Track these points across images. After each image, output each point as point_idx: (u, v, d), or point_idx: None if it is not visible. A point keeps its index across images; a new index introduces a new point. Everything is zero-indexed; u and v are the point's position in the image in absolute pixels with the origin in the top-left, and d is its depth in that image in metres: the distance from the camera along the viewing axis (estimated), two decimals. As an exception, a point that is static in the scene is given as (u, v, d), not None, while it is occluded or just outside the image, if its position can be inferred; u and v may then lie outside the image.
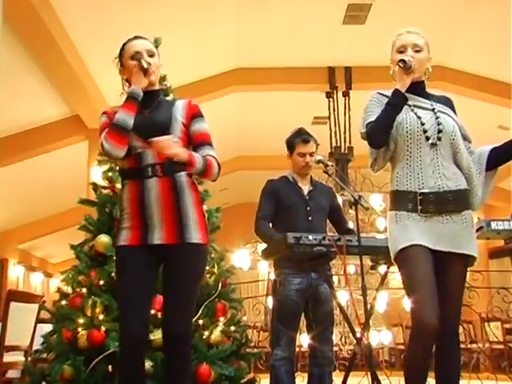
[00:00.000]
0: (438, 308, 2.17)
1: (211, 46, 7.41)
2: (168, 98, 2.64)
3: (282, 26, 7.24)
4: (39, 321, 4.15)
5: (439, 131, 2.34)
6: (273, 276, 3.35)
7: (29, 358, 3.86)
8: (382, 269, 3.54)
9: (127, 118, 2.28)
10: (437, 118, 2.37)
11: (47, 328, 3.60)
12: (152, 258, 2.31)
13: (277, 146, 3.48)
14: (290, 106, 8.70)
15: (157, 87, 2.49)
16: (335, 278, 3.59)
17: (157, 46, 3.48)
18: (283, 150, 3.46)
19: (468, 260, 2.35)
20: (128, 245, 2.29)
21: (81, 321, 3.31)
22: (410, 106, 2.38)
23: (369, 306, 3.16)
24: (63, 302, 3.52)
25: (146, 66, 2.32)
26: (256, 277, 9.79)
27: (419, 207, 2.29)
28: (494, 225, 3.59)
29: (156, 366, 3.11)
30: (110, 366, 3.23)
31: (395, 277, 7.02)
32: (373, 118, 2.37)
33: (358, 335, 3.12)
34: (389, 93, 2.42)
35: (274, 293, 3.30)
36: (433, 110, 2.40)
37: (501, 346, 7.59)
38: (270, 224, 3.35)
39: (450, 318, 2.30)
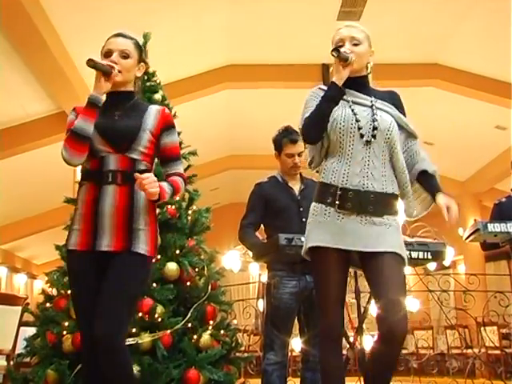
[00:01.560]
0: (339, 314, 2.25)
1: (202, 42, 7.34)
2: (142, 102, 2.56)
3: (274, 22, 7.18)
4: (22, 324, 4.11)
5: (374, 128, 2.28)
6: (264, 278, 3.30)
7: (11, 362, 3.85)
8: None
9: (86, 126, 2.24)
10: (373, 114, 2.31)
11: (31, 331, 3.55)
12: (98, 264, 2.27)
13: (269, 144, 3.41)
14: (282, 103, 8.63)
15: (130, 88, 2.42)
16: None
17: (146, 42, 3.42)
18: (274, 149, 3.40)
19: (399, 257, 2.21)
20: (77, 249, 2.28)
21: (66, 324, 3.25)
22: (348, 101, 2.33)
23: (362, 310, 3.14)
24: (47, 305, 3.47)
25: (105, 69, 2.25)
26: (247, 279, 9.77)
27: (337, 202, 2.24)
28: (490, 227, 3.56)
29: (143, 371, 3.07)
30: (95, 371, 3.17)
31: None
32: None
33: (351, 339, 3.07)
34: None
35: (267, 296, 3.27)
36: (371, 106, 2.34)
37: (497, 352, 7.56)
38: (262, 227, 3.28)
39: (384, 317, 2.13)
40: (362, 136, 2.27)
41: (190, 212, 3.60)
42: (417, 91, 7.90)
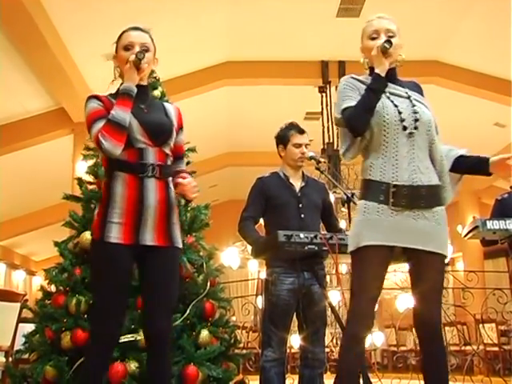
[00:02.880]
0: (372, 317, 2.22)
1: (202, 39, 7.33)
2: (155, 96, 2.60)
3: (274, 19, 7.17)
4: (21, 320, 4.08)
5: (416, 120, 2.27)
6: (263, 275, 3.29)
7: (10, 359, 3.82)
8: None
9: (125, 116, 2.24)
10: (413, 106, 2.31)
11: (29, 327, 3.52)
12: (136, 258, 2.30)
13: (268, 141, 3.41)
14: (281, 100, 8.63)
15: (145, 82, 2.45)
16: (327, 278, 3.52)
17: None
18: (274, 147, 3.39)
19: (444, 257, 2.28)
20: (119, 243, 2.24)
21: (64, 320, 3.23)
22: (385, 93, 2.31)
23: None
24: (46, 301, 3.45)
25: (141, 62, 2.29)
26: (245, 276, 9.77)
27: (391, 200, 2.21)
28: (489, 224, 3.56)
29: (142, 367, 3.05)
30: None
31: (388, 277, 7.01)
32: (350, 104, 2.29)
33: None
34: (363, 78, 2.37)
35: (265, 292, 3.26)
36: (408, 97, 2.34)
37: (495, 349, 7.56)
38: (262, 222, 3.27)
39: (428, 318, 2.25)
40: (405, 128, 2.25)
41: (188, 209, 3.60)
42: (416, 88, 7.88)
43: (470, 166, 2.40)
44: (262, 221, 3.41)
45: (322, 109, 8.31)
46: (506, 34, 6.42)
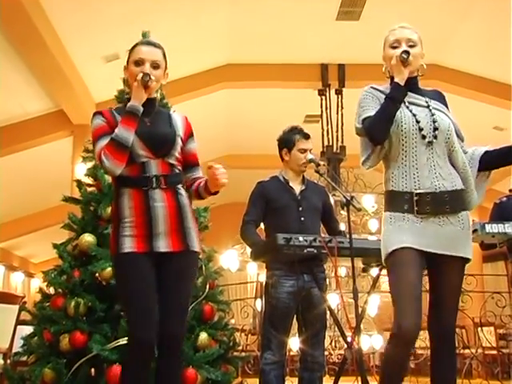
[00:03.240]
0: (419, 317, 2.15)
1: (202, 41, 7.33)
2: (162, 108, 2.61)
3: (274, 22, 7.17)
4: (19, 322, 4.07)
5: (435, 129, 2.30)
6: (262, 278, 3.29)
7: (8, 361, 3.80)
8: (374, 271, 3.49)
9: (128, 135, 2.27)
10: (432, 115, 2.33)
11: (28, 330, 3.52)
12: (154, 265, 2.32)
13: (267, 144, 3.41)
14: (281, 103, 8.63)
15: (154, 95, 2.47)
16: (326, 281, 3.52)
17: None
18: (274, 149, 3.38)
19: (465, 262, 2.33)
20: (134, 252, 2.27)
21: (63, 322, 3.23)
22: (404, 102, 2.33)
23: (360, 310, 3.11)
24: (45, 303, 3.45)
25: (148, 83, 2.31)
26: (244, 279, 9.75)
27: (415, 208, 2.24)
28: (488, 228, 3.56)
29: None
30: (92, 370, 3.19)
31: (387, 280, 6.98)
32: (370, 113, 2.31)
33: (349, 339, 3.08)
34: (383, 88, 2.38)
35: (265, 295, 3.26)
36: (428, 107, 2.36)
37: (494, 352, 7.54)
38: (262, 227, 3.28)
39: (445, 322, 2.28)
40: (423, 137, 2.28)
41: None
42: (415, 92, 7.89)
43: (497, 158, 2.43)
44: (262, 225, 3.41)
45: (322, 112, 8.31)
46: (505, 37, 6.42)
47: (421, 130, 2.28)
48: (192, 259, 2.38)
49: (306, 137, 3.33)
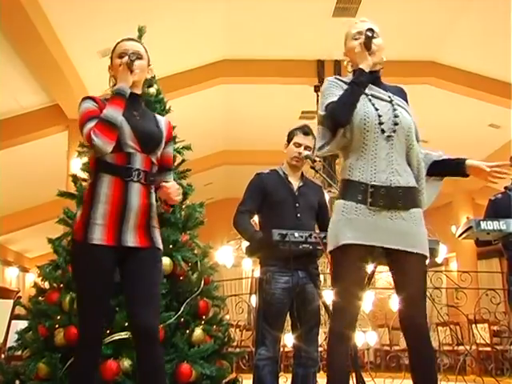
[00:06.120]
0: (356, 315, 2.25)
1: (198, 36, 7.31)
2: (147, 108, 2.67)
3: (270, 18, 7.16)
4: (14, 317, 4.04)
5: (395, 124, 2.30)
6: (257, 274, 3.29)
7: (2, 356, 3.77)
8: (369, 268, 3.47)
9: (117, 114, 2.30)
10: (394, 110, 2.34)
11: (22, 324, 3.51)
12: (118, 260, 2.35)
13: (263, 140, 3.41)
14: (277, 99, 8.62)
15: (139, 91, 2.51)
16: (320, 277, 3.53)
17: (141, 36, 3.44)
18: (270, 145, 3.40)
19: (424, 259, 2.30)
20: (102, 245, 2.29)
21: (58, 317, 3.22)
22: (367, 95, 2.34)
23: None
24: (40, 298, 3.44)
25: (133, 63, 2.36)
26: (240, 274, 9.76)
27: (369, 200, 2.25)
28: (483, 225, 3.57)
29: (135, 365, 3.03)
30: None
31: (382, 276, 7.01)
32: (334, 99, 2.31)
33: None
34: (347, 79, 2.39)
35: (259, 291, 3.25)
36: (390, 101, 2.37)
37: (488, 349, 7.59)
38: (256, 218, 3.27)
39: (415, 319, 2.28)
40: (383, 131, 2.29)
41: (183, 207, 3.59)
42: (412, 89, 7.80)
43: (447, 168, 2.45)
44: (257, 219, 3.41)
45: (318, 108, 8.29)
46: (501, 34, 6.43)
47: (381, 123, 2.29)
48: (157, 255, 2.42)
49: (306, 133, 3.33)
